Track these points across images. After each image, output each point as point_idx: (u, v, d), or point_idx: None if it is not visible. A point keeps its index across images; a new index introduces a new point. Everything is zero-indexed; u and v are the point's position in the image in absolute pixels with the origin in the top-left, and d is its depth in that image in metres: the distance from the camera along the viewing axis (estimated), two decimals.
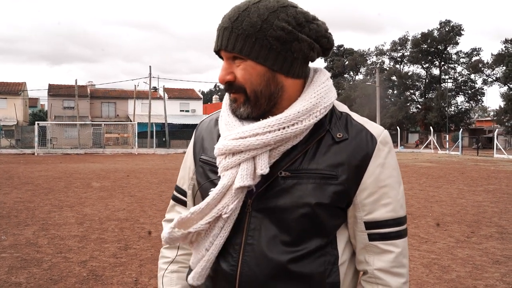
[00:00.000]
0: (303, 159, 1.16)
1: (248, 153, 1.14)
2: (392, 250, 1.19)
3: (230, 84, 1.16)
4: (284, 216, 1.16)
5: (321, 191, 1.14)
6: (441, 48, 55.38)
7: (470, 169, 19.76)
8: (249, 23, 1.11)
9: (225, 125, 1.21)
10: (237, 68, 1.15)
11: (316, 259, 1.17)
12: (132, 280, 4.68)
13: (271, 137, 1.12)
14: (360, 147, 1.17)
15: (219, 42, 1.16)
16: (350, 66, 65.44)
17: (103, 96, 52.96)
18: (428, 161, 25.11)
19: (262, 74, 1.14)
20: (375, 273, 1.20)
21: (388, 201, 1.19)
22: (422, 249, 5.94)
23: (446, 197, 10.80)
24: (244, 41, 1.12)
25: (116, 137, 42.38)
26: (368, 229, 1.19)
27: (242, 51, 1.12)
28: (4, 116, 45.03)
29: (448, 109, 53.30)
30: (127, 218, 7.82)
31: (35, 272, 4.85)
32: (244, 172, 1.14)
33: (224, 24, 1.15)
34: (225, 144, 1.15)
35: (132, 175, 15.72)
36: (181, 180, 1.45)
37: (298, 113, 1.14)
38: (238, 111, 1.19)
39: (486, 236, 6.76)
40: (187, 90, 57.87)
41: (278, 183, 1.16)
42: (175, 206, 1.46)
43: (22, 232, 6.71)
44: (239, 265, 1.18)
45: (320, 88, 1.20)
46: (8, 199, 9.80)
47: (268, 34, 1.11)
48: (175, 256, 1.41)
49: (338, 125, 1.20)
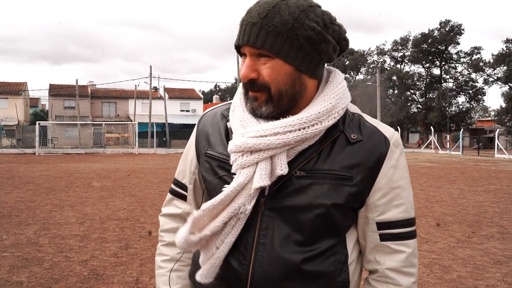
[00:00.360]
0: (318, 159, 1.16)
1: (268, 152, 1.12)
2: (403, 250, 1.21)
3: (253, 82, 1.13)
4: (298, 216, 1.15)
5: (336, 192, 1.15)
6: (442, 48, 55.35)
7: (471, 169, 19.75)
8: (280, 21, 1.08)
9: (240, 121, 1.18)
10: (262, 66, 1.12)
11: (326, 259, 1.17)
12: (133, 280, 4.68)
13: (292, 136, 1.11)
14: (374, 148, 1.18)
15: (245, 37, 1.11)
16: (351, 66, 65.45)
17: (104, 96, 52.98)
18: (429, 161, 25.10)
19: (289, 74, 1.13)
20: (386, 273, 1.21)
21: (401, 202, 1.20)
22: (423, 249, 5.93)
23: (447, 197, 10.80)
24: (275, 38, 1.09)
25: (117, 137, 42.41)
26: (380, 230, 1.21)
27: (272, 49, 1.09)
28: (5, 116, 45.08)
29: (449, 109, 53.29)
30: (127, 218, 7.83)
31: (36, 271, 4.86)
32: (263, 172, 1.12)
33: (253, 19, 1.10)
34: (244, 141, 1.12)
35: (133, 174, 15.72)
36: (180, 174, 1.41)
37: (319, 114, 1.14)
38: (259, 110, 1.15)
39: (487, 236, 6.76)
40: (188, 90, 57.89)
41: (292, 183, 1.15)
42: (173, 200, 1.42)
43: (23, 231, 6.72)
44: (251, 264, 1.16)
45: (338, 89, 1.20)
46: (9, 199, 9.80)
47: (299, 34, 1.09)
48: (175, 254, 1.38)
49: (352, 126, 1.21)
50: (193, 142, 1.37)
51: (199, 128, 1.35)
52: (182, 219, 1.38)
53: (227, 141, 1.23)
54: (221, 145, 1.24)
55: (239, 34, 1.13)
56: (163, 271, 1.37)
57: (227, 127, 1.26)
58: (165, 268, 1.37)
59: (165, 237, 1.41)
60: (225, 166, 1.21)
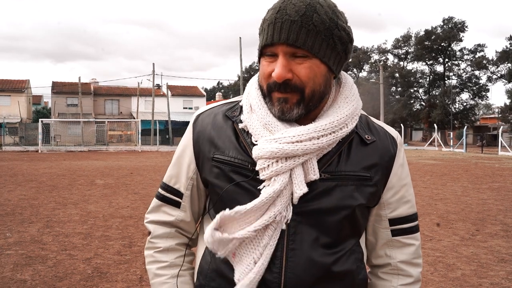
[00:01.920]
0: (339, 161, 1.17)
1: (303, 157, 1.11)
2: (413, 243, 1.28)
3: (287, 83, 1.09)
4: (326, 218, 1.15)
5: (360, 193, 1.17)
6: (445, 45, 55.16)
7: (475, 166, 19.69)
8: (319, 20, 1.07)
9: (264, 125, 1.14)
10: (298, 66, 1.09)
11: (349, 258, 1.20)
12: (136, 278, 4.68)
13: (325, 141, 1.11)
14: (386, 148, 1.22)
15: (283, 35, 1.06)
16: (354, 63, 65.29)
17: (107, 93, 53.02)
18: (432, 159, 25.05)
19: (324, 74, 1.12)
20: (398, 265, 1.27)
21: (409, 198, 1.27)
22: (427, 247, 5.91)
23: (450, 194, 10.77)
24: (315, 38, 1.07)
25: (120, 135, 42.44)
26: (391, 226, 1.26)
27: (313, 48, 1.07)
28: (8, 114, 45.15)
29: (452, 106, 53.14)
30: (131, 216, 7.83)
31: (40, 269, 4.86)
32: (300, 178, 1.11)
33: (291, 16, 1.06)
34: (281, 147, 1.08)
35: (136, 172, 15.74)
36: (172, 178, 1.31)
37: (347, 117, 1.15)
38: (289, 113, 1.12)
39: (491, 234, 6.73)
40: (190, 88, 57.92)
41: (317, 186, 1.14)
42: (163, 206, 1.31)
43: (26, 229, 6.73)
44: (283, 271, 1.14)
45: (354, 91, 1.23)
46: (12, 196, 9.82)
47: (334, 33, 1.09)
48: (174, 259, 1.29)
49: (363, 127, 1.23)
50: (189, 145, 1.28)
51: (197, 130, 1.27)
52: (174, 226, 1.31)
53: (239, 144, 1.19)
54: (232, 149, 1.19)
55: (273, 32, 1.08)
56: (164, 278, 1.27)
57: (235, 130, 1.21)
58: (165, 276, 1.28)
59: (160, 243, 1.30)
60: (241, 171, 1.16)
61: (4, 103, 46.49)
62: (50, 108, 54.47)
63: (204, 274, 1.24)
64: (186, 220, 1.30)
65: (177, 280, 1.27)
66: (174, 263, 1.29)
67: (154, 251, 1.31)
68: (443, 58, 57.08)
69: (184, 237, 1.33)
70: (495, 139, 41.68)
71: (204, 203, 1.33)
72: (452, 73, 56.90)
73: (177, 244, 1.31)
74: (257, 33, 1.16)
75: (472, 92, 56.04)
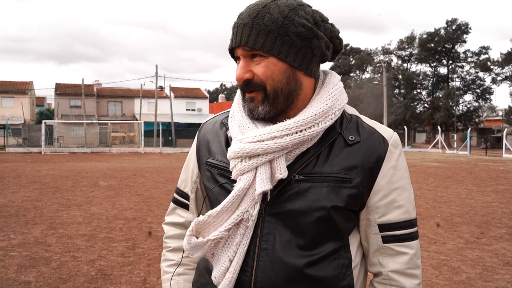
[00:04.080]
0: (316, 162, 1.16)
1: (266, 156, 1.12)
2: (406, 251, 1.20)
3: (248, 82, 1.14)
4: (299, 220, 1.14)
5: (336, 195, 1.14)
6: (449, 46, 55.05)
7: (479, 169, 19.62)
8: (270, 19, 1.10)
9: (238, 127, 1.19)
10: (256, 66, 1.13)
11: (330, 263, 1.16)
12: (140, 280, 4.67)
13: (289, 140, 1.11)
14: (372, 149, 1.18)
15: (237, 38, 1.13)
16: (357, 65, 65.22)
17: (110, 95, 53.09)
18: (436, 161, 24.98)
19: (283, 71, 1.13)
20: (389, 275, 1.20)
21: (401, 203, 1.20)
22: (431, 250, 5.89)
23: (454, 197, 10.73)
24: (266, 37, 1.10)
25: (123, 136, 42.46)
26: (382, 231, 1.20)
27: (264, 47, 1.11)
28: (11, 115, 45.27)
29: (456, 108, 53.00)
30: (134, 217, 7.83)
31: (44, 271, 4.86)
32: (263, 176, 1.12)
33: (243, 20, 1.13)
34: (242, 147, 1.12)
35: (139, 174, 15.75)
36: (182, 183, 1.41)
37: (315, 116, 1.14)
38: (256, 111, 1.16)
39: (496, 237, 6.70)
40: (193, 89, 57.93)
41: (291, 187, 1.15)
42: (176, 209, 1.43)
43: (30, 231, 6.73)
44: (254, 271, 1.15)
45: (334, 90, 1.20)
46: (16, 198, 9.84)
47: (290, 30, 1.11)
48: (181, 259, 1.39)
49: (349, 127, 1.20)
50: (194, 151, 1.38)
51: (200, 136, 1.36)
52: (185, 227, 1.39)
53: (226, 148, 1.23)
54: (221, 153, 1.25)
55: (232, 37, 1.15)
56: (170, 275, 1.38)
57: (227, 135, 1.27)
58: (171, 273, 1.39)
59: (170, 243, 1.42)
60: (225, 174, 1.21)
61: (7, 105, 46.63)
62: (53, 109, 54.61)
63: (198, 270, 1.33)
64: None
65: (170, 277, 1.38)
66: (181, 262, 1.38)
67: (166, 250, 1.43)
68: (446, 60, 56.93)
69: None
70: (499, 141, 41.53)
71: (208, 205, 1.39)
72: (456, 75, 56.75)
73: None
74: None
75: (476, 94, 55.86)
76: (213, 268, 1.18)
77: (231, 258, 1.15)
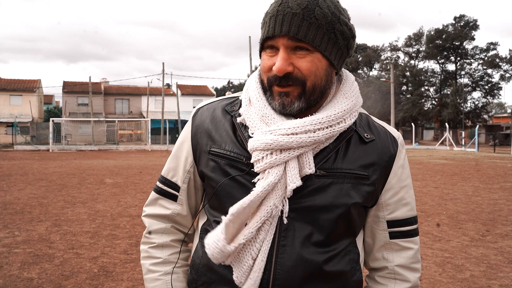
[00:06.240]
0: (336, 158, 1.15)
1: (297, 150, 1.09)
2: (411, 247, 1.25)
3: (288, 76, 1.08)
4: (319, 216, 1.13)
5: (356, 191, 1.15)
6: (457, 43, 54.63)
7: (486, 166, 19.46)
8: (321, 13, 1.06)
9: (261, 118, 1.13)
10: (300, 60, 1.08)
11: (343, 258, 1.17)
12: (142, 277, 4.67)
13: (321, 134, 1.10)
14: (386, 148, 1.20)
15: (284, 27, 1.06)
16: (364, 62, 64.91)
17: (117, 93, 53.30)
18: (444, 158, 24.81)
19: (325, 68, 1.11)
20: (395, 269, 1.24)
21: (408, 201, 1.24)
22: (435, 248, 5.84)
23: (461, 194, 10.65)
24: (316, 31, 1.06)
25: (130, 134, 42.64)
26: (389, 228, 1.24)
27: (314, 41, 1.07)
28: (19, 113, 45.60)
29: (464, 105, 52.62)
30: (139, 215, 7.84)
31: (47, 268, 4.88)
32: (294, 171, 1.09)
33: (293, 9, 1.06)
34: (275, 139, 1.07)
35: (145, 171, 15.80)
36: (170, 172, 1.32)
37: (344, 111, 1.14)
38: (290, 107, 1.10)
39: (502, 235, 6.63)
40: (200, 87, 58.02)
41: (313, 182, 1.13)
42: (160, 199, 1.32)
43: (35, 227, 6.77)
44: (272, 268, 1.12)
45: (354, 88, 1.21)
46: (22, 195, 9.90)
47: (336, 28, 1.09)
48: (167, 256, 1.30)
49: (363, 125, 1.22)
50: (187, 138, 1.28)
51: (196, 123, 1.27)
52: (171, 220, 1.32)
53: (236, 138, 1.18)
54: (229, 142, 1.19)
55: (274, 25, 1.07)
56: (156, 275, 1.28)
57: (233, 124, 1.21)
58: (158, 272, 1.28)
59: (154, 238, 1.31)
60: (236, 165, 1.16)
61: (15, 103, 46.95)
62: (61, 107, 54.91)
63: (195, 268, 1.25)
64: (182, 213, 1.31)
65: (171, 278, 1.28)
66: (168, 260, 1.30)
67: (148, 246, 1.31)
68: (454, 57, 56.52)
69: (180, 233, 1.34)
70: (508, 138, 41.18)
71: (201, 197, 1.34)
72: (464, 71, 56.31)
73: (172, 241, 1.32)
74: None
75: (484, 91, 55.41)
76: (234, 267, 1.12)
77: (254, 256, 1.10)
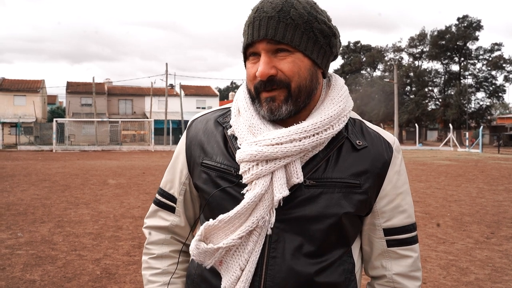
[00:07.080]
0: (326, 167, 1.13)
1: (284, 160, 1.07)
2: (410, 255, 1.21)
3: (271, 79, 1.07)
4: (310, 227, 1.11)
5: (347, 201, 1.12)
6: (461, 44, 54.46)
7: (491, 167, 19.37)
8: (296, 14, 1.06)
9: (249, 128, 1.12)
10: (281, 61, 1.07)
11: (336, 269, 1.15)
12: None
13: (308, 142, 1.08)
14: (379, 155, 1.17)
15: (261, 31, 1.06)
16: (367, 62, 64.75)
17: (120, 93, 53.39)
18: (447, 159, 24.72)
19: (309, 68, 1.10)
20: (394, 278, 1.21)
21: (405, 208, 1.21)
22: (440, 250, 5.80)
23: (465, 196, 10.59)
24: (294, 31, 1.06)
25: (133, 134, 42.71)
26: (386, 236, 1.21)
27: (293, 41, 1.06)
28: (23, 113, 45.72)
29: (468, 105, 52.45)
30: (142, 216, 7.83)
31: (49, 270, 4.87)
32: (281, 181, 1.07)
33: (268, 13, 1.06)
34: (260, 150, 1.06)
35: (148, 172, 15.80)
36: (167, 183, 1.33)
37: (331, 118, 1.11)
38: (278, 111, 1.09)
39: (507, 237, 6.58)
40: (204, 87, 58.04)
41: (302, 192, 1.11)
42: (159, 211, 1.33)
43: (38, 229, 6.77)
44: (263, 280, 1.11)
45: (343, 92, 1.19)
46: (25, 196, 9.91)
47: (314, 26, 1.08)
48: (166, 267, 1.31)
49: (355, 131, 1.19)
50: (183, 150, 1.29)
51: (190, 135, 1.27)
52: (170, 231, 1.33)
53: (226, 150, 1.18)
54: (220, 154, 1.18)
55: (253, 31, 1.07)
56: (155, 285, 1.29)
57: (225, 135, 1.20)
58: (157, 283, 1.29)
59: (154, 249, 1.32)
60: (227, 177, 1.16)
61: (19, 103, 47.06)
62: (65, 108, 55.04)
63: (191, 278, 1.26)
64: (180, 225, 1.32)
65: None
66: (166, 270, 1.31)
67: (148, 257, 1.33)
68: (458, 57, 56.33)
69: (179, 243, 1.34)
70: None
71: (198, 208, 1.34)
72: (468, 72, 56.12)
73: (171, 251, 1.33)
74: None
75: (488, 91, 55.20)
76: (222, 276, 1.12)
77: (242, 267, 1.10)
